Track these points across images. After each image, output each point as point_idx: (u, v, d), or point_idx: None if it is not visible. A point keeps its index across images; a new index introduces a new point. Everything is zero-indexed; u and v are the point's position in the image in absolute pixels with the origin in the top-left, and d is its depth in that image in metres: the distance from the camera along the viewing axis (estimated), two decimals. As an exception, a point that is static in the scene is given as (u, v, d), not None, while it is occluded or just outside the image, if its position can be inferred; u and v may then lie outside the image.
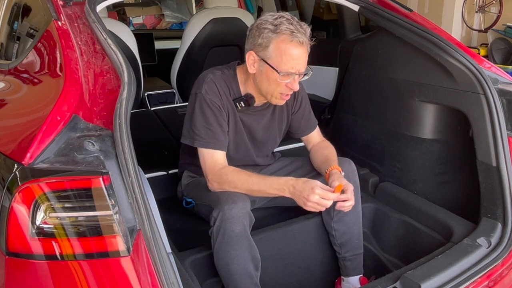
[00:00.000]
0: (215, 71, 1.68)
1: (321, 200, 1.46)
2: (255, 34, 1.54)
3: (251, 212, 1.56)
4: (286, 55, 1.51)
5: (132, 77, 1.32)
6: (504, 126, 1.65)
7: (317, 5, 4.71)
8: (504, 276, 1.50)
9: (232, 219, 1.49)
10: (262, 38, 1.52)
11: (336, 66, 2.63)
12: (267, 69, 1.55)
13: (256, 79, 1.61)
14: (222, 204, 1.50)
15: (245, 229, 1.52)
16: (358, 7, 2.15)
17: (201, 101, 1.61)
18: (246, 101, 1.68)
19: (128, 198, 1.14)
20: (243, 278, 1.54)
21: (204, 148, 1.62)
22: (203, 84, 1.62)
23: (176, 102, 3.09)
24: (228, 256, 1.52)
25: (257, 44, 1.54)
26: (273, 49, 1.51)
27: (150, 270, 1.14)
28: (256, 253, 1.56)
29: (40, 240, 1.08)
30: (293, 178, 1.53)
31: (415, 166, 2.02)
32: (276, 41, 1.50)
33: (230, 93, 1.67)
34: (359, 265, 1.82)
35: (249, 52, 1.57)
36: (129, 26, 4.96)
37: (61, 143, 1.18)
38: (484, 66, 1.79)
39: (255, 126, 1.77)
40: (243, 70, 1.68)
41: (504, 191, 1.63)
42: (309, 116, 1.90)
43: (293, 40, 1.49)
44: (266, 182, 1.55)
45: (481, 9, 4.51)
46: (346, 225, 1.79)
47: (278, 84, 1.56)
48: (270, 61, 1.53)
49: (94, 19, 1.57)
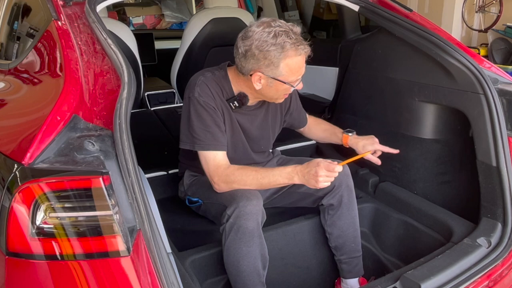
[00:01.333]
0: (206, 73, 1.68)
1: (329, 173, 1.49)
2: (257, 56, 1.52)
3: (263, 209, 1.57)
4: (296, 68, 1.55)
5: (132, 77, 1.32)
6: (504, 126, 1.65)
7: (317, 5, 4.71)
8: (504, 276, 1.50)
9: (247, 216, 1.50)
10: (269, 60, 1.52)
11: (336, 66, 2.64)
12: (277, 84, 1.58)
13: (261, 91, 1.62)
14: (238, 200, 1.52)
15: (258, 226, 1.54)
16: (358, 7, 2.15)
17: (195, 104, 1.61)
18: (240, 100, 1.68)
19: (128, 198, 1.14)
20: (252, 275, 1.55)
21: (205, 151, 1.62)
22: (195, 87, 1.62)
23: (176, 102, 3.09)
24: (239, 253, 1.53)
25: (264, 65, 1.53)
26: (283, 67, 1.53)
27: (150, 270, 1.14)
28: (266, 252, 1.58)
29: (40, 240, 1.08)
30: (297, 164, 1.56)
31: (415, 166, 2.02)
32: (285, 60, 1.52)
33: (223, 93, 1.67)
34: (356, 268, 1.82)
35: (255, 73, 1.56)
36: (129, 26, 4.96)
37: (61, 143, 1.18)
38: (484, 66, 1.79)
39: (249, 126, 1.78)
40: (234, 70, 1.68)
41: (504, 191, 1.63)
42: (300, 108, 1.99)
43: (298, 54, 1.53)
44: (274, 173, 1.57)
45: (481, 9, 4.51)
46: (340, 229, 1.79)
47: (285, 90, 1.62)
48: (281, 77, 1.56)
49: (94, 19, 1.57)
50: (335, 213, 1.78)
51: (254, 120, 1.78)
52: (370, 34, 2.34)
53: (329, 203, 1.77)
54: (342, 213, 1.78)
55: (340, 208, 1.77)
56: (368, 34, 2.40)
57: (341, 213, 1.78)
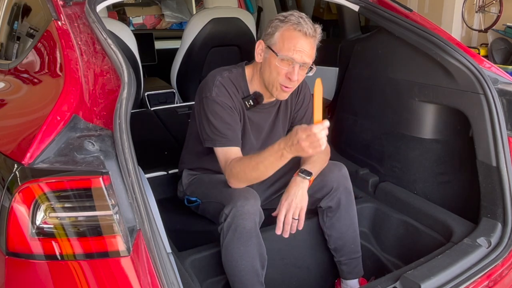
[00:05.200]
0: (223, 72, 1.69)
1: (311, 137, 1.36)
2: (267, 26, 1.61)
3: (261, 209, 1.57)
4: (288, 41, 1.54)
5: (132, 77, 1.32)
6: (504, 126, 1.65)
7: (317, 5, 4.71)
8: (504, 276, 1.50)
9: (244, 215, 1.50)
10: (271, 28, 1.58)
11: (336, 66, 2.63)
12: (270, 55, 1.58)
13: (261, 69, 1.64)
14: (235, 200, 1.51)
15: (256, 225, 1.53)
16: (358, 7, 2.15)
17: (213, 104, 1.62)
18: (255, 99, 1.69)
19: (128, 198, 1.14)
20: (250, 275, 1.55)
21: (220, 147, 1.61)
22: (213, 88, 1.63)
23: (176, 102, 3.09)
24: (237, 253, 1.53)
25: (267, 33, 1.60)
26: (278, 36, 1.56)
27: (150, 270, 1.14)
28: (264, 251, 1.58)
29: (40, 240, 1.08)
30: (281, 139, 1.45)
31: (415, 166, 2.02)
32: (282, 29, 1.56)
33: (238, 92, 1.69)
34: (355, 269, 1.82)
35: (259, 41, 1.63)
36: (129, 26, 4.95)
37: (61, 143, 1.18)
38: (484, 66, 1.79)
39: (263, 124, 1.78)
40: (251, 68, 1.71)
41: (504, 191, 1.63)
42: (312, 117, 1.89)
43: (297, 29, 1.54)
44: (265, 155, 1.47)
45: (481, 9, 4.51)
46: (339, 231, 1.78)
47: (278, 72, 1.56)
48: (274, 46, 1.57)
49: (94, 19, 1.57)
50: (333, 215, 1.77)
51: (267, 118, 1.79)
52: (370, 34, 2.34)
53: (327, 206, 1.76)
54: (341, 215, 1.77)
55: (338, 210, 1.76)
56: (368, 34, 2.40)
57: (340, 215, 1.77)
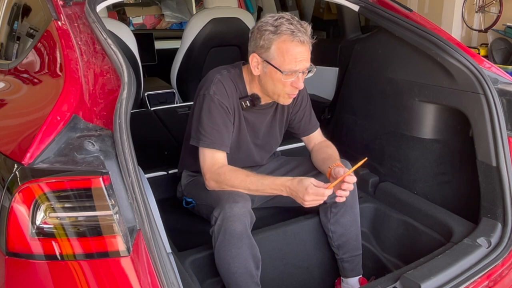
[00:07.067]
0: (222, 71, 1.68)
1: (317, 197, 1.46)
2: (256, 37, 1.56)
3: (252, 211, 1.56)
4: (288, 55, 1.52)
5: (132, 77, 1.32)
6: (504, 126, 1.65)
7: (317, 5, 4.71)
8: (504, 276, 1.50)
9: (233, 218, 1.49)
10: (263, 40, 1.53)
11: (336, 66, 2.63)
12: (271, 70, 1.56)
13: (261, 81, 1.63)
14: (223, 203, 1.50)
15: (246, 228, 1.52)
16: (358, 7, 2.15)
17: (209, 102, 1.62)
18: (252, 101, 1.69)
19: (128, 198, 1.14)
20: (244, 277, 1.54)
21: (207, 148, 1.62)
22: (211, 85, 1.63)
23: (176, 102, 3.09)
24: (229, 255, 1.52)
25: (259, 46, 1.55)
26: (275, 50, 1.52)
27: (150, 270, 1.14)
28: (257, 252, 1.57)
29: (40, 240, 1.08)
30: (289, 178, 1.53)
31: (415, 166, 2.02)
32: (277, 42, 1.52)
33: (236, 91, 1.68)
34: (357, 266, 1.82)
35: (252, 54, 1.59)
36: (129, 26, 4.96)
37: (61, 143, 1.18)
38: (484, 66, 1.79)
39: (259, 125, 1.78)
40: (248, 70, 1.68)
41: (504, 191, 1.63)
42: (310, 117, 1.90)
43: (294, 40, 1.51)
44: (264, 182, 1.55)
45: (481, 9, 4.51)
46: (343, 227, 1.79)
47: (284, 84, 1.57)
48: (273, 62, 1.54)
49: (94, 19, 1.57)
50: (338, 211, 1.78)
51: (264, 119, 1.79)
52: (370, 34, 2.34)
53: (332, 201, 1.76)
54: (346, 211, 1.77)
55: (344, 205, 1.76)
56: (368, 34, 2.39)
57: (345, 211, 1.77)
